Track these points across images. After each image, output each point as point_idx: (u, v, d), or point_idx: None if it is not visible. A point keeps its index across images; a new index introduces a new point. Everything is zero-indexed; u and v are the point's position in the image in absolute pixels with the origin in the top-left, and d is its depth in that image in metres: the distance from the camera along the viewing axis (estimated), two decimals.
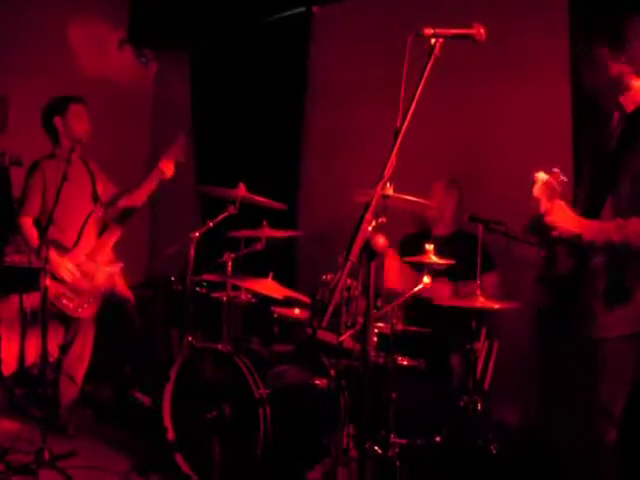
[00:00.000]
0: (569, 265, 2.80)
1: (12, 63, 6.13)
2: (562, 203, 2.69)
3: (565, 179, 2.69)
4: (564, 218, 2.67)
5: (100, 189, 5.05)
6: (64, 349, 4.85)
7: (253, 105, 6.52)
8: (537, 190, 2.67)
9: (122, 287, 5.14)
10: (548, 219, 2.68)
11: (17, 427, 4.68)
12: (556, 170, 2.69)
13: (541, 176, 2.68)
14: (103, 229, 5.01)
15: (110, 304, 4.96)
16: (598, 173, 2.85)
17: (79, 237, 4.86)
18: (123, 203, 5.01)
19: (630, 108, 2.81)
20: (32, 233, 4.74)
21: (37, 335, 4.58)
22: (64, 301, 4.69)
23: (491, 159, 5.03)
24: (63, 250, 4.76)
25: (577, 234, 2.63)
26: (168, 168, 4.82)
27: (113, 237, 5.00)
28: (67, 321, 4.83)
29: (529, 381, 4.30)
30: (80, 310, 4.75)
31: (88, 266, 4.80)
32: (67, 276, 4.70)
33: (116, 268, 5.01)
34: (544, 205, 2.67)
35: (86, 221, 4.91)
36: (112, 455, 4.43)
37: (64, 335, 4.89)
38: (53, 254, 4.62)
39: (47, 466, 3.99)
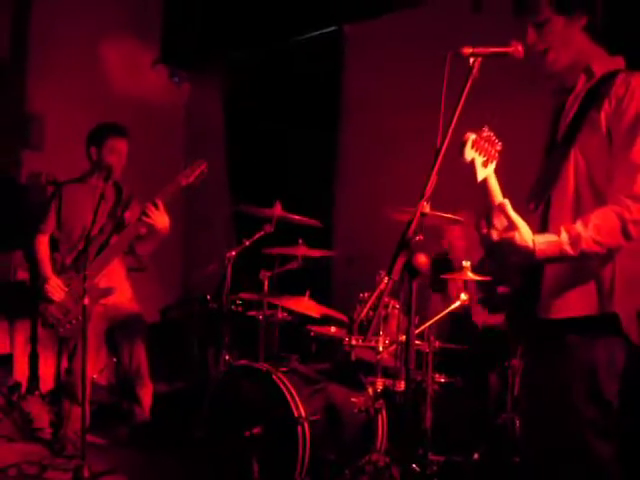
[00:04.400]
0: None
1: (48, 84, 6.25)
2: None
3: (497, 140, 2.32)
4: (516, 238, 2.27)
5: (127, 216, 4.88)
6: (68, 371, 4.76)
7: (286, 123, 6.55)
8: (467, 153, 2.27)
9: (129, 307, 4.95)
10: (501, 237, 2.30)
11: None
12: (484, 128, 2.31)
13: (471, 137, 2.27)
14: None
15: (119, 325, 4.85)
16: (548, 161, 2.53)
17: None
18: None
19: (600, 72, 2.46)
20: (44, 251, 4.77)
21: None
22: (50, 320, 4.65)
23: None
24: (61, 269, 4.75)
25: (530, 252, 2.28)
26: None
27: (112, 261, 4.82)
28: (64, 342, 4.79)
29: None
30: (62, 330, 4.66)
31: (79, 286, 4.49)
32: (54, 294, 4.64)
33: (109, 292, 4.81)
34: (479, 170, 2.31)
35: (88, 244, 4.69)
36: (150, 473, 4.42)
37: (67, 357, 4.81)
38: (47, 271, 4.70)
39: None
